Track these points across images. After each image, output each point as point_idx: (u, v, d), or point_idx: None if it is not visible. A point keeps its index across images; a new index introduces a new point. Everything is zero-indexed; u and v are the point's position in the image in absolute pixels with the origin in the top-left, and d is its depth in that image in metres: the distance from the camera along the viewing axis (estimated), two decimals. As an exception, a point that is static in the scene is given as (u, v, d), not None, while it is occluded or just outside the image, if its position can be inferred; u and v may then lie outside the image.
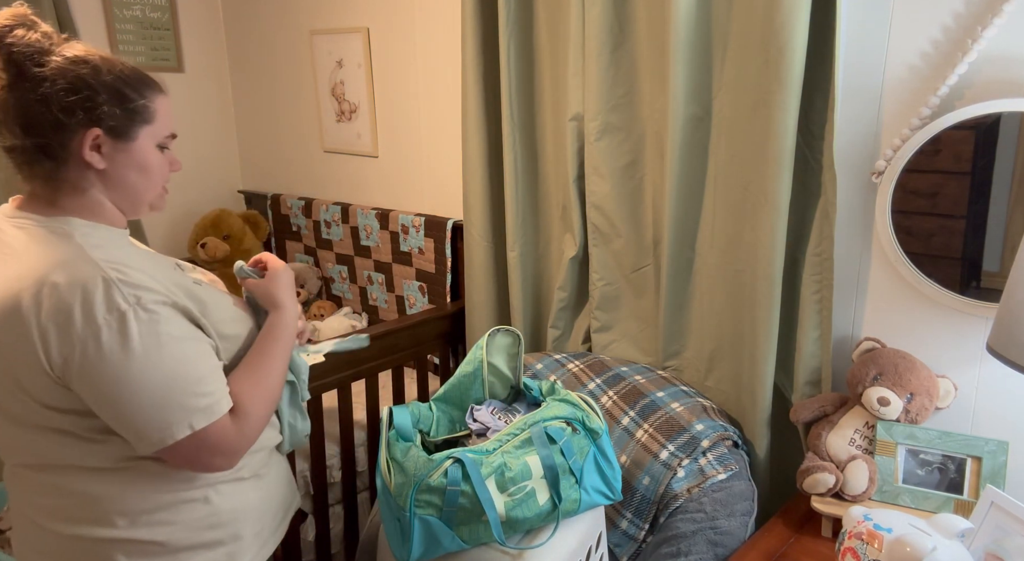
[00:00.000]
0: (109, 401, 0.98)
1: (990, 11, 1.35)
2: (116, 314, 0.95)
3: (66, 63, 1.00)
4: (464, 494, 1.27)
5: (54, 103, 0.98)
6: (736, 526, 1.51)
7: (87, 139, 1.01)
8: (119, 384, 0.96)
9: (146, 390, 0.97)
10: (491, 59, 2.01)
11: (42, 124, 0.99)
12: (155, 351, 0.98)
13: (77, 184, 1.03)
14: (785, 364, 1.71)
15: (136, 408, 0.98)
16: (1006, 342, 1.16)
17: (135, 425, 0.99)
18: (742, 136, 1.61)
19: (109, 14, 2.78)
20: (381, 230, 2.56)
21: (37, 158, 1.01)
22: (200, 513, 1.10)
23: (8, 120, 0.99)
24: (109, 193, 1.06)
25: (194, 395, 1.01)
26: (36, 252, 0.99)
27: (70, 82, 0.99)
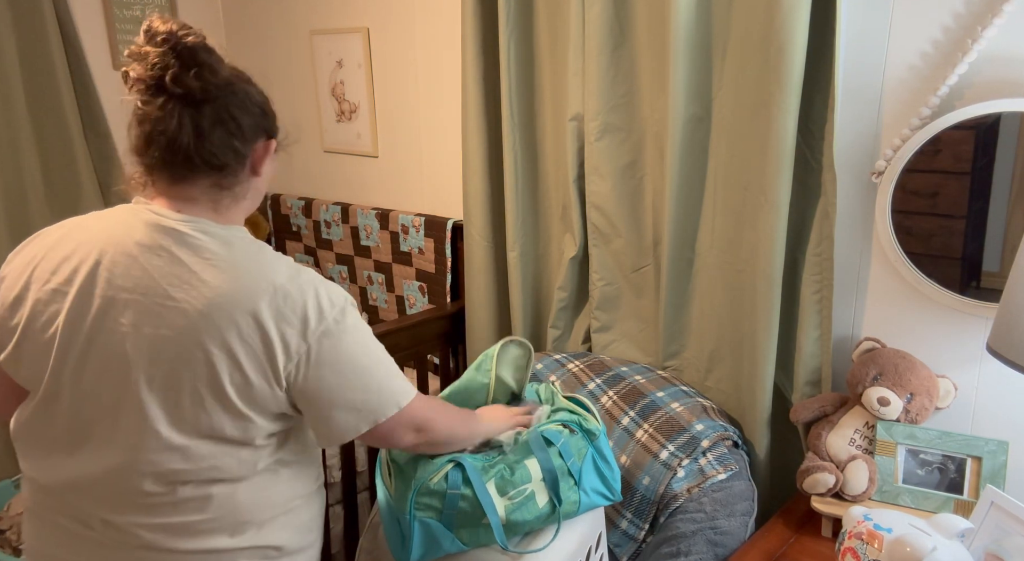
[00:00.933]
0: (339, 389, 1.03)
1: (990, 11, 1.35)
2: (340, 309, 1.03)
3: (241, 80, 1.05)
4: (464, 498, 1.27)
5: (256, 116, 1.04)
6: (736, 526, 1.51)
7: (267, 150, 1.07)
8: (349, 369, 1.03)
9: (372, 371, 1.06)
10: (491, 59, 2.01)
11: (251, 132, 1.04)
12: (369, 337, 1.07)
13: (240, 193, 1.07)
14: (785, 364, 1.71)
15: (362, 390, 1.04)
16: (1006, 342, 1.16)
17: (356, 406, 1.04)
18: (742, 136, 1.62)
19: (109, 14, 2.78)
20: (381, 230, 2.56)
21: (234, 167, 1.04)
22: (304, 517, 1.15)
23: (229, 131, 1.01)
24: (251, 203, 1.10)
25: (398, 375, 1.10)
26: (245, 259, 1.00)
27: (255, 98, 1.05)
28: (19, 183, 2.57)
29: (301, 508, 1.15)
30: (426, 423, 1.15)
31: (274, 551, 1.10)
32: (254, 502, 1.07)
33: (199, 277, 0.98)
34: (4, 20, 2.46)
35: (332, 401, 1.04)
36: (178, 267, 0.98)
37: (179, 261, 0.99)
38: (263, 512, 1.08)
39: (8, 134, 2.52)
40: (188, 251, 0.99)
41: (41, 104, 2.58)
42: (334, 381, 1.02)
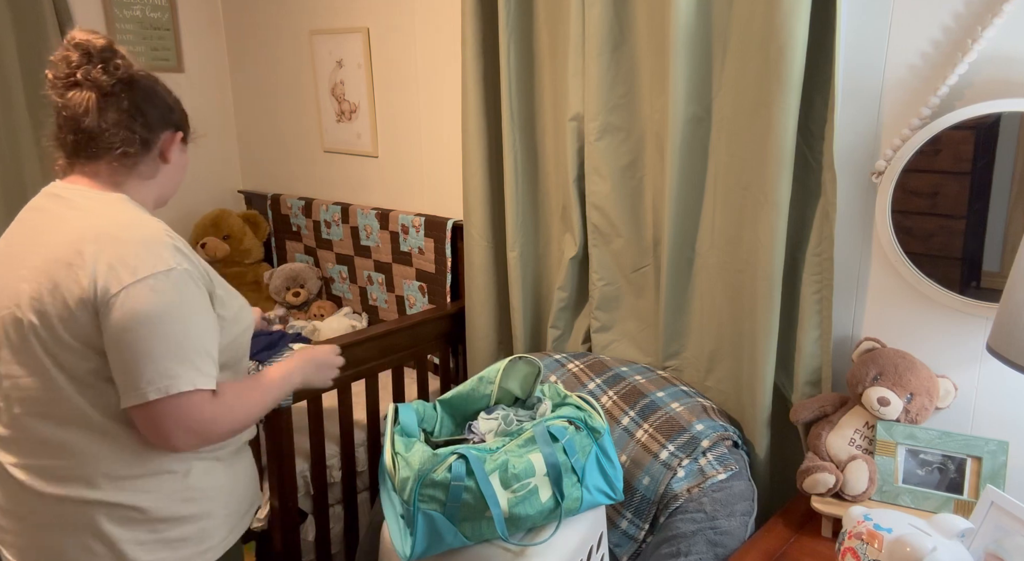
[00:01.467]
0: (125, 345, 1.07)
1: (990, 11, 1.35)
2: (164, 268, 1.08)
3: (149, 80, 1.23)
4: (468, 490, 1.27)
5: (161, 107, 1.23)
6: (736, 526, 1.51)
7: (174, 139, 1.26)
8: (146, 333, 1.06)
9: (157, 342, 1.07)
10: (491, 59, 2.01)
11: (155, 121, 1.21)
12: (181, 309, 1.10)
13: (147, 174, 1.23)
14: (785, 364, 1.71)
15: (141, 357, 1.07)
16: (1006, 342, 1.16)
17: (139, 371, 1.07)
18: (742, 136, 1.62)
19: (109, 14, 2.78)
20: (381, 230, 2.56)
21: (136, 148, 1.19)
22: (178, 485, 1.18)
23: (119, 116, 1.17)
24: (158, 187, 1.26)
25: (188, 362, 1.09)
26: (103, 211, 1.14)
27: (161, 94, 1.24)
28: (19, 183, 2.57)
29: (180, 474, 1.18)
30: (201, 423, 1.12)
31: (136, 513, 1.14)
32: (112, 455, 1.13)
33: (56, 224, 1.14)
34: (4, 20, 2.47)
35: (115, 357, 1.08)
36: (47, 217, 1.16)
37: (50, 213, 1.17)
38: (123, 468, 1.14)
39: (8, 134, 2.53)
40: (61, 206, 1.16)
41: (41, 104, 2.58)
42: (124, 339, 1.06)
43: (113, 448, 1.13)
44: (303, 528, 2.01)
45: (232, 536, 1.28)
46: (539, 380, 1.55)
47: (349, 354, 1.96)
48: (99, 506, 1.13)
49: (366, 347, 2.02)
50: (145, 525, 1.15)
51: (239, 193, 3.24)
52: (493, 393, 1.54)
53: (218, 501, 1.24)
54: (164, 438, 1.11)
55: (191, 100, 3.12)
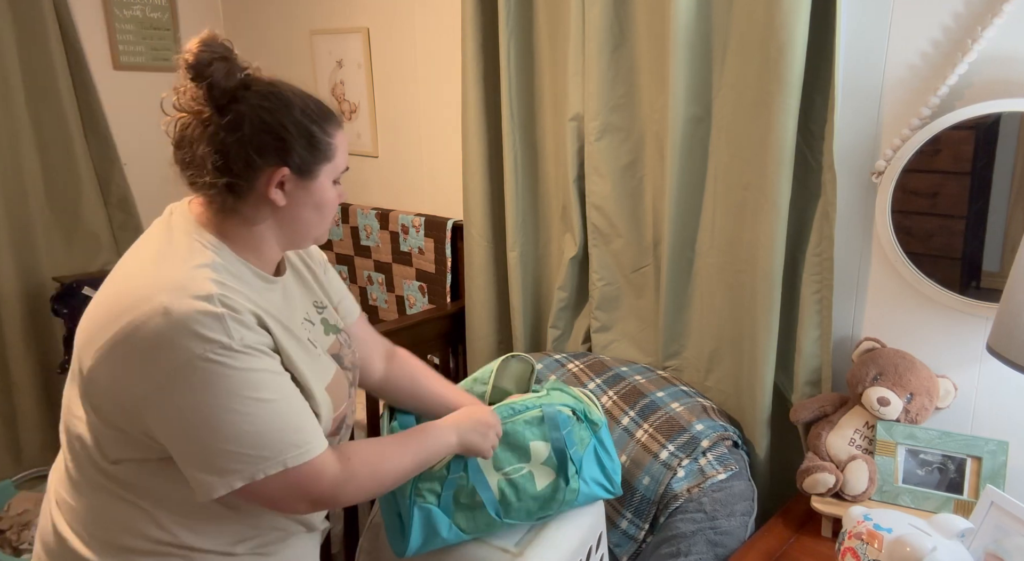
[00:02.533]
0: (183, 437, 0.93)
1: (990, 11, 1.35)
2: (217, 347, 0.91)
3: (261, 100, 0.99)
4: (462, 477, 1.28)
5: (250, 144, 0.97)
6: (736, 526, 1.51)
7: (275, 178, 1.00)
8: (193, 420, 0.92)
9: (235, 429, 0.93)
10: (491, 59, 2.01)
11: (235, 164, 0.98)
12: (258, 389, 0.94)
13: (251, 217, 1.02)
14: (785, 364, 1.71)
15: (216, 443, 0.93)
16: (1006, 342, 1.16)
17: (213, 458, 0.94)
18: (742, 136, 1.61)
19: (109, 14, 2.78)
20: (381, 230, 2.56)
21: (222, 194, 1.00)
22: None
23: (200, 157, 0.98)
24: (277, 228, 1.05)
25: (291, 433, 0.96)
26: (153, 261, 0.97)
27: (265, 122, 0.98)
28: (19, 183, 2.57)
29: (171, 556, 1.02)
30: (322, 491, 1.00)
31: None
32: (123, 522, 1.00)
33: (115, 271, 1.00)
34: (4, 20, 2.47)
35: (187, 448, 0.94)
36: (138, 245, 1.02)
37: (143, 242, 1.02)
38: (131, 541, 1.00)
39: (8, 134, 2.53)
40: (160, 229, 1.02)
41: (41, 104, 2.58)
42: (187, 425, 0.92)
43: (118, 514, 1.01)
44: (303, 528, 2.01)
45: None
46: (534, 378, 1.55)
47: (349, 354, 1.96)
48: None
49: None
50: None
51: (239, 193, 3.24)
52: (487, 393, 1.54)
53: None
54: (290, 509, 1.02)
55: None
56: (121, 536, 1.01)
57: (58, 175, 2.66)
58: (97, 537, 1.02)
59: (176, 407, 0.91)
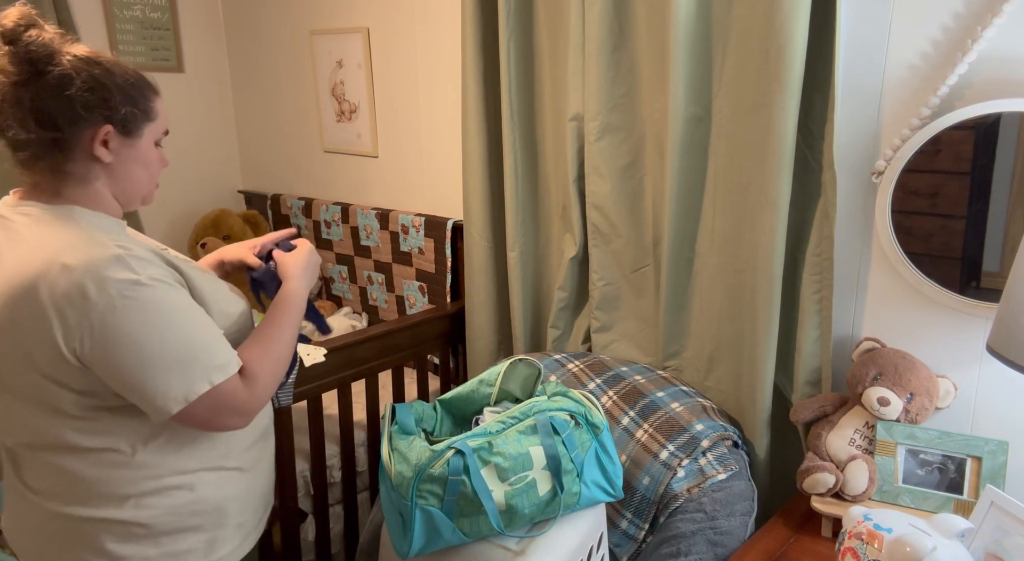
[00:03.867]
0: (127, 370, 1.02)
1: (990, 11, 1.35)
2: (129, 281, 1.00)
3: (80, 63, 1.05)
4: (465, 484, 1.27)
5: (76, 100, 1.03)
6: (736, 526, 1.51)
7: (99, 135, 1.06)
8: (137, 351, 1.01)
9: (162, 354, 1.02)
10: (491, 59, 2.01)
11: (59, 119, 1.03)
12: (169, 314, 1.04)
13: (83, 176, 1.08)
14: (785, 364, 1.71)
15: (154, 372, 1.02)
16: (1006, 342, 1.16)
17: (153, 390, 1.03)
18: (742, 136, 1.61)
19: (109, 14, 2.78)
20: (381, 230, 2.56)
21: (48, 151, 1.05)
22: (184, 499, 1.14)
23: (21, 114, 1.02)
24: (111, 186, 1.11)
25: (207, 356, 1.06)
26: (44, 234, 1.03)
27: (87, 81, 1.04)
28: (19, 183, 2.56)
29: (177, 490, 1.13)
30: (245, 401, 1.11)
31: (140, 528, 1.11)
32: (112, 477, 1.09)
33: (4, 257, 1.03)
34: (4, 20, 2.46)
35: (125, 383, 1.03)
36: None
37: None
38: (124, 487, 1.10)
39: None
40: (5, 234, 1.05)
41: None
42: (122, 363, 1.01)
43: (113, 471, 1.09)
44: (303, 528, 2.01)
45: (246, 544, 1.24)
46: (540, 381, 1.55)
47: (349, 354, 1.96)
48: (101, 523, 1.10)
49: (366, 347, 2.02)
50: (149, 540, 1.12)
51: (239, 193, 3.24)
52: (493, 395, 1.54)
53: (229, 511, 1.19)
54: (218, 428, 1.12)
55: (191, 100, 3.13)
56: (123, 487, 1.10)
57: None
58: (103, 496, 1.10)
59: (110, 347, 1.00)
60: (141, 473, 1.10)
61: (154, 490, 1.11)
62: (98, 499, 1.09)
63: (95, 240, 1.03)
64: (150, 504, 1.11)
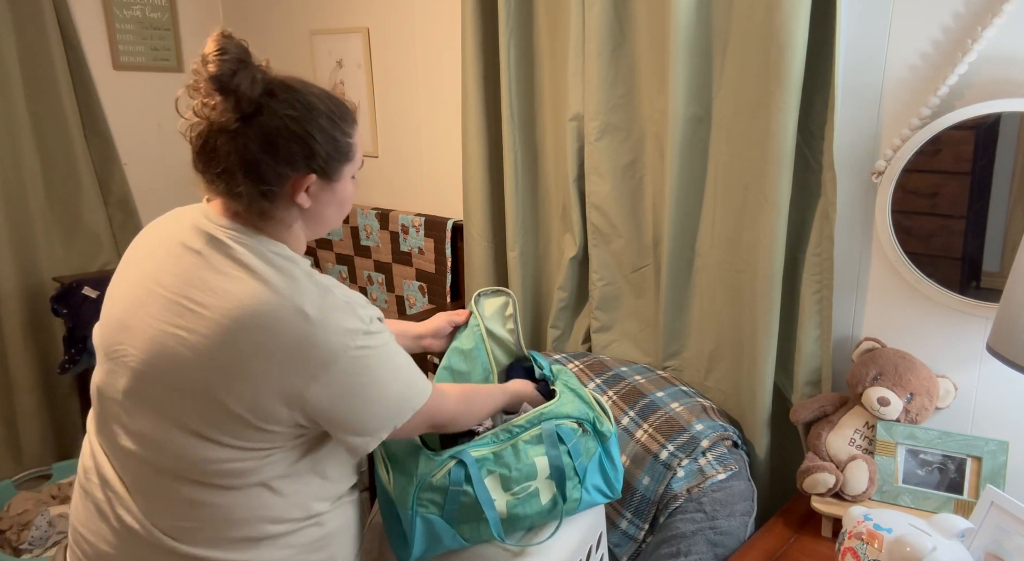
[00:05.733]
0: (351, 414, 1.04)
1: (990, 11, 1.35)
2: (360, 335, 1.01)
3: (286, 109, 1.00)
4: (466, 494, 1.27)
5: (280, 154, 1.00)
6: (736, 526, 1.51)
7: (302, 184, 1.03)
8: (367, 396, 1.04)
9: (388, 397, 1.07)
10: (491, 59, 2.01)
11: (266, 172, 1.00)
12: (391, 361, 1.07)
13: (282, 219, 1.06)
14: (785, 364, 1.71)
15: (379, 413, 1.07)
16: (1006, 342, 1.16)
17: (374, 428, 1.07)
18: (742, 136, 1.62)
19: (109, 14, 2.78)
20: (381, 230, 2.56)
21: (254, 199, 1.02)
22: (314, 536, 1.13)
23: (228, 164, 0.99)
24: (307, 226, 1.10)
25: (416, 388, 1.11)
26: (271, 273, 1.01)
27: (293, 131, 1.00)
28: (19, 183, 2.57)
29: (311, 527, 1.12)
30: (441, 419, 1.19)
31: None
32: (248, 515, 1.05)
33: (223, 287, 0.99)
34: (4, 20, 2.47)
35: (351, 422, 1.05)
36: (207, 272, 1.01)
37: (210, 266, 1.01)
38: (262, 527, 1.07)
39: (8, 134, 2.53)
40: (220, 257, 1.02)
41: (41, 104, 2.58)
42: (354, 404, 1.04)
43: (255, 508, 1.06)
44: (303, 528, 2.01)
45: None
46: (516, 314, 1.54)
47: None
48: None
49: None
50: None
51: (239, 193, 3.24)
52: (487, 345, 1.52)
53: (343, 543, 1.20)
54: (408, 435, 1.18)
55: (191, 100, 3.11)
56: (257, 526, 1.08)
57: (58, 175, 2.66)
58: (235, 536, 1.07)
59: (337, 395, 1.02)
60: (283, 511, 1.08)
61: (298, 529, 1.10)
62: (234, 538, 1.05)
63: (323, 286, 1.02)
64: (290, 543, 1.09)
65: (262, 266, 1.01)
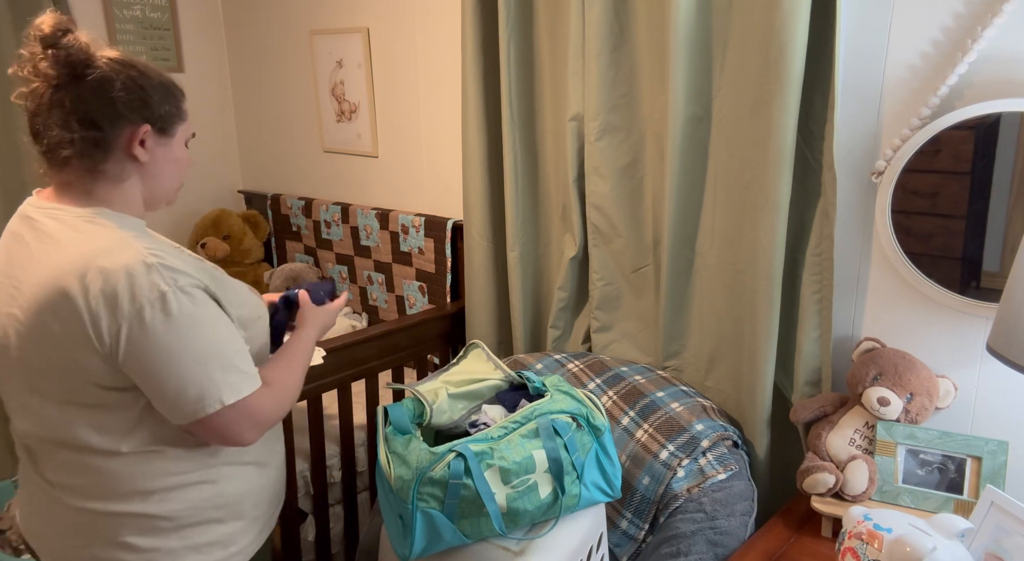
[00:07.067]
0: (152, 375, 1.04)
1: (990, 11, 1.35)
2: (157, 294, 1.02)
3: (117, 65, 1.08)
4: (466, 487, 1.27)
5: (117, 100, 1.06)
6: (736, 526, 1.51)
7: (138, 134, 1.09)
8: (161, 358, 1.03)
9: (186, 364, 1.04)
10: (491, 59, 2.01)
11: (101, 119, 1.06)
12: (194, 328, 1.05)
13: (117, 175, 1.10)
14: (785, 364, 1.71)
15: (177, 381, 1.04)
16: (1006, 342, 1.16)
17: (175, 397, 1.05)
18: (742, 136, 1.62)
19: (109, 14, 2.78)
20: (381, 230, 2.56)
21: (88, 150, 1.07)
22: (208, 493, 1.16)
23: (63, 116, 1.05)
24: (142, 186, 1.14)
25: (231, 369, 1.08)
26: (77, 240, 1.05)
27: (126, 82, 1.07)
28: (19, 183, 2.57)
29: (202, 484, 1.15)
30: (265, 417, 1.14)
31: (164, 521, 1.13)
32: (132, 472, 1.10)
33: (35, 259, 1.06)
34: (4, 20, 2.47)
35: (150, 388, 1.05)
36: (25, 251, 1.08)
37: (27, 245, 1.08)
38: (150, 482, 1.11)
39: (8, 134, 2.52)
40: (34, 235, 1.08)
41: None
42: (148, 370, 1.04)
43: (140, 467, 1.10)
44: (303, 528, 2.01)
45: (260, 538, 1.27)
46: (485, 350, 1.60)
47: (349, 354, 1.96)
48: (125, 517, 1.11)
49: (366, 347, 2.02)
50: (174, 533, 1.13)
51: (239, 193, 3.24)
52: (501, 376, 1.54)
53: (247, 504, 1.22)
54: (234, 441, 1.12)
55: (191, 100, 3.10)
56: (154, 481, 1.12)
57: (49, 181, 2.66)
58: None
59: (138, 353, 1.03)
60: (168, 468, 1.12)
61: (180, 484, 1.13)
62: (123, 494, 1.10)
63: (128, 244, 1.04)
64: (177, 498, 1.13)
65: (67, 233, 1.05)
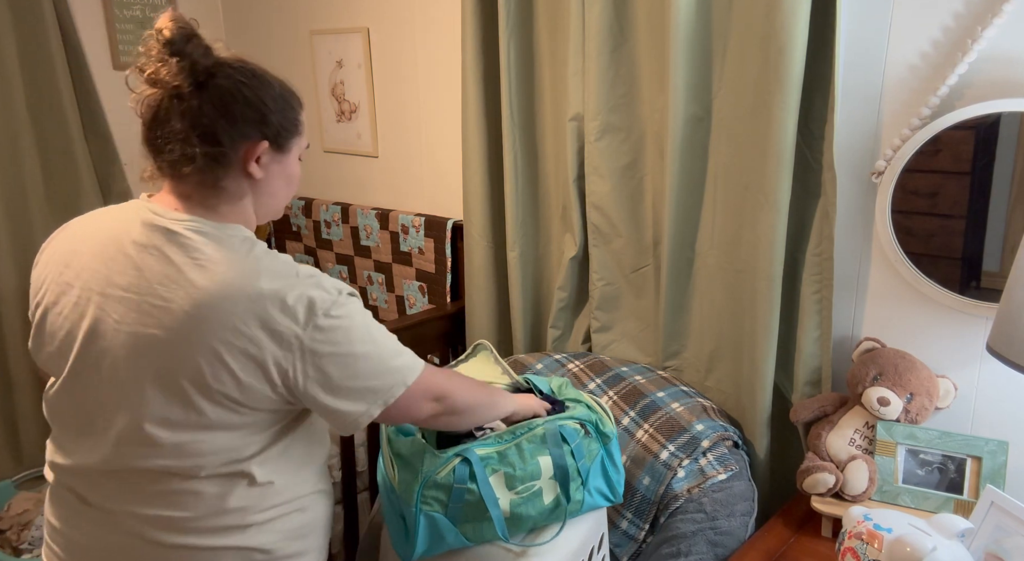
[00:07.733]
0: (340, 385, 1.03)
1: (990, 11, 1.35)
2: (330, 303, 1.01)
3: (239, 75, 1.04)
4: (470, 492, 1.27)
5: (235, 116, 1.02)
6: (736, 526, 1.51)
7: (255, 151, 1.05)
8: (353, 357, 1.03)
9: (374, 353, 1.06)
10: (491, 59, 2.01)
11: (221, 134, 1.01)
12: (366, 324, 1.07)
13: (234, 192, 1.06)
14: (785, 364, 1.71)
15: (369, 373, 1.05)
16: (1006, 342, 1.16)
17: (365, 390, 1.05)
18: (742, 136, 1.61)
19: (109, 14, 2.78)
20: (381, 230, 2.56)
21: (208, 166, 1.02)
22: (296, 522, 1.14)
23: (184, 129, 1.00)
24: (256, 201, 1.10)
25: (400, 354, 1.11)
26: (233, 260, 1.01)
27: (247, 96, 1.03)
28: (19, 183, 2.57)
29: (295, 513, 1.13)
30: (443, 391, 1.16)
31: (260, 554, 1.09)
32: (242, 503, 1.07)
33: (186, 277, 0.99)
34: (4, 20, 2.46)
35: (335, 394, 1.04)
36: (168, 267, 1.01)
37: (169, 261, 1.01)
38: (250, 515, 1.08)
39: (8, 134, 2.52)
40: (178, 250, 1.01)
41: (41, 104, 2.58)
42: (334, 374, 1.03)
43: (247, 496, 1.07)
44: (303, 528, 2.01)
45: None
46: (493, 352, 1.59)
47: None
48: (222, 551, 1.07)
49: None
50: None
51: (239, 193, 3.24)
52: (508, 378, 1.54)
53: (320, 533, 1.21)
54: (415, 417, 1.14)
55: (191, 100, 3.11)
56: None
57: (58, 175, 2.65)
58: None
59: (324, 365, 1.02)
60: (273, 499, 1.09)
61: (284, 513, 1.11)
62: (223, 528, 1.06)
63: (280, 261, 1.03)
64: (269, 528, 1.10)
65: (219, 252, 1.01)
